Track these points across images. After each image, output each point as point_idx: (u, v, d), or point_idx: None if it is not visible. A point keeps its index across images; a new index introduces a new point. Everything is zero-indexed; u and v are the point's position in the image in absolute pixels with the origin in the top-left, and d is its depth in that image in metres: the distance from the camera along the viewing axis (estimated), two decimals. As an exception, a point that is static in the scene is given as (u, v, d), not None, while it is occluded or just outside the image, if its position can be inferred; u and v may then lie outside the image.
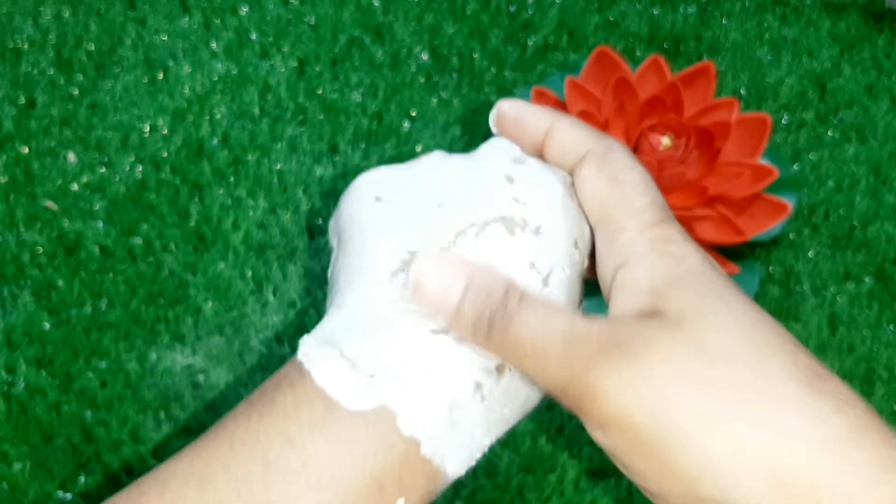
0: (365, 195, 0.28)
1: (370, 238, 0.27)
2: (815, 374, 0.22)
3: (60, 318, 0.58)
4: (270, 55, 0.69)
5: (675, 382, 0.21)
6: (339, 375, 0.24)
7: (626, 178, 0.26)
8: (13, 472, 0.53)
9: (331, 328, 0.26)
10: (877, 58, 0.74)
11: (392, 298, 0.25)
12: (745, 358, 0.22)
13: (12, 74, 0.66)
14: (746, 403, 0.21)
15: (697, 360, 0.22)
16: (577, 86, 0.61)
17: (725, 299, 0.23)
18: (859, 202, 0.67)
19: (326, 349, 0.25)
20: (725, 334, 0.22)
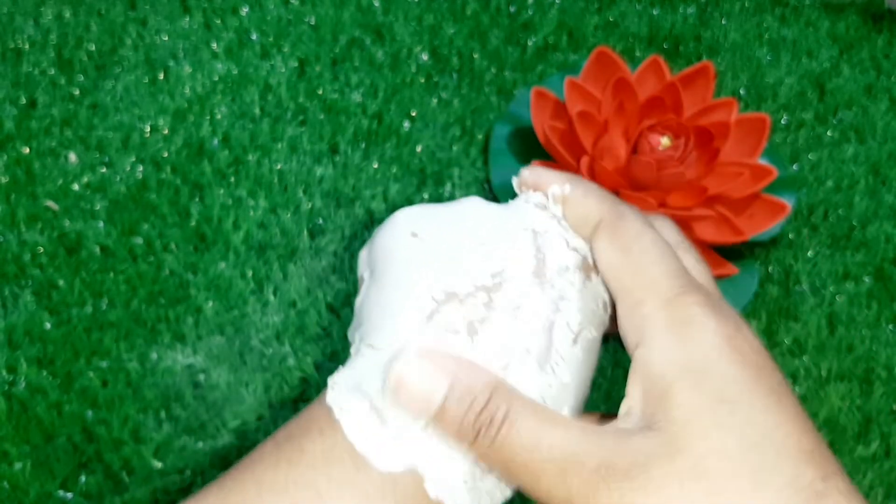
0: (402, 230, 0.27)
1: (406, 274, 0.26)
2: (813, 492, 0.21)
3: (61, 317, 0.58)
4: (271, 55, 0.69)
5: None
6: (369, 432, 0.24)
7: (638, 247, 0.25)
8: (14, 471, 0.53)
9: (361, 372, 0.25)
10: (876, 58, 0.74)
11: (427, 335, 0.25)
12: (740, 484, 0.21)
13: (13, 74, 0.67)
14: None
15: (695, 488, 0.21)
16: (576, 86, 0.61)
17: (730, 401, 0.22)
18: (858, 202, 0.67)
19: (357, 399, 0.25)
20: (724, 457, 0.21)
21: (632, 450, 0.22)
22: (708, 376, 0.22)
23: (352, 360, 0.26)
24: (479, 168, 0.66)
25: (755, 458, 0.21)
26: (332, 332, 0.59)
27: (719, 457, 0.21)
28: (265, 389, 0.57)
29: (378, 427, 0.24)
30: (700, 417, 0.22)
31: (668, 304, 0.24)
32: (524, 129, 0.65)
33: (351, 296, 0.60)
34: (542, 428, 0.23)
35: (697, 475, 0.21)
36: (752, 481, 0.21)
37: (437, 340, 0.25)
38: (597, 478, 0.22)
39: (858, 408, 0.59)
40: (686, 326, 0.23)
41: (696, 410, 0.22)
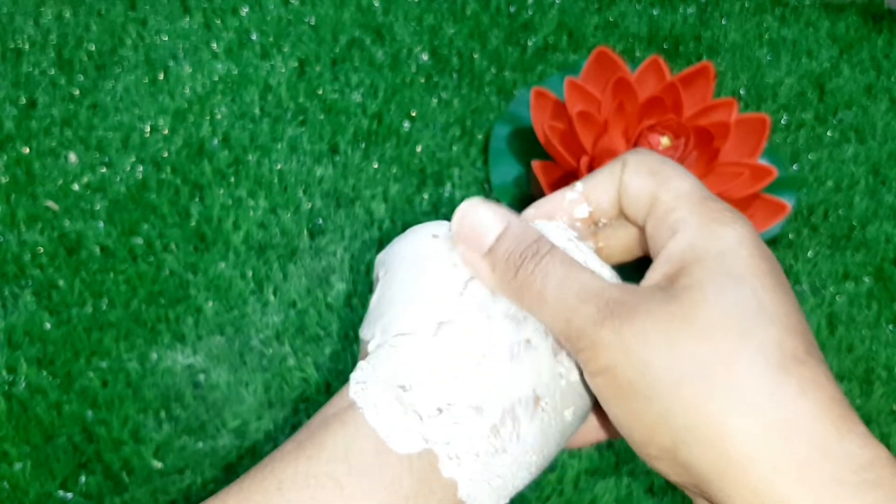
0: (423, 233, 0.29)
1: (432, 263, 0.28)
2: (793, 356, 0.23)
3: (61, 317, 0.58)
4: (271, 56, 0.69)
5: (659, 348, 0.24)
6: (392, 418, 0.25)
7: (664, 169, 0.28)
8: (14, 471, 0.53)
9: (385, 365, 0.26)
10: (876, 58, 0.74)
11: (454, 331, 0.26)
12: (727, 334, 0.23)
13: (13, 75, 0.67)
14: (714, 377, 0.23)
15: (684, 331, 0.24)
16: (576, 86, 0.61)
17: (738, 278, 0.24)
18: (858, 202, 0.67)
19: (381, 390, 0.26)
20: (717, 311, 0.24)
21: (639, 299, 0.25)
22: (725, 258, 0.25)
23: (376, 353, 0.27)
24: (479, 168, 0.66)
25: (749, 321, 0.24)
26: (332, 332, 0.59)
27: (713, 313, 0.24)
28: (265, 389, 0.57)
29: (401, 414, 0.25)
30: (706, 284, 0.24)
31: (700, 205, 0.27)
32: (524, 129, 0.65)
33: (351, 296, 0.60)
34: (573, 269, 0.26)
35: (689, 321, 0.24)
36: (739, 335, 0.23)
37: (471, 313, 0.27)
38: (605, 311, 0.25)
39: (858, 408, 0.59)
40: (714, 222, 0.26)
41: (705, 279, 0.25)
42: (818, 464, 0.22)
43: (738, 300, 0.24)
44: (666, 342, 0.24)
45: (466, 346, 0.26)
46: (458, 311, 0.27)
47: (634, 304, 0.25)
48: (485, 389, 0.25)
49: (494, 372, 0.26)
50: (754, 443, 0.22)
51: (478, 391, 0.25)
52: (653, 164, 0.28)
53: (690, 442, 0.23)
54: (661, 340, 0.24)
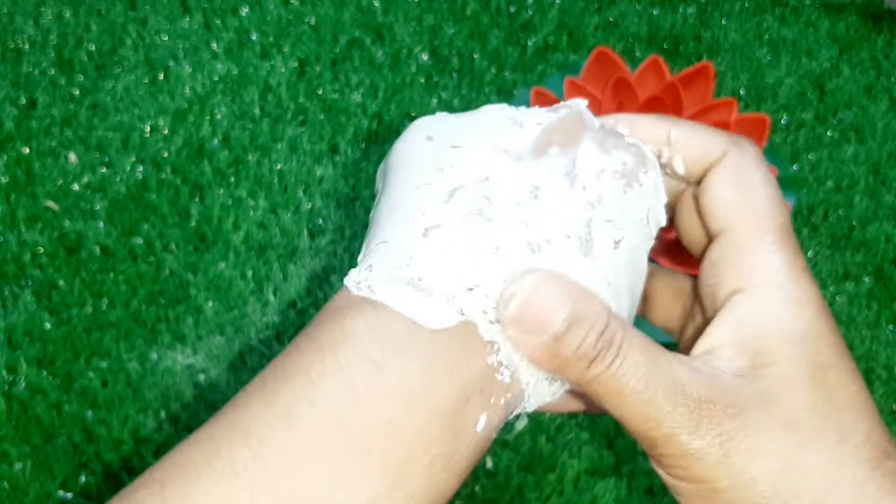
0: (417, 135, 0.27)
1: (419, 170, 0.25)
2: (883, 451, 0.23)
3: (61, 317, 0.58)
4: (271, 56, 0.69)
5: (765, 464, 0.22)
6: (417, 298, 0.23)
7: (762, 192, 0.25)
8: (14, 471, 0.53)
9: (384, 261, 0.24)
10: (876, 58, 0.74)
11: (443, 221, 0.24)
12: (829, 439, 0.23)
13: (13, 75, 0.67)
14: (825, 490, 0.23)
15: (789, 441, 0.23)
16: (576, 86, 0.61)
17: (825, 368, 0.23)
18: (858, 202, 0.67)
19: (391, 282, 0.24)
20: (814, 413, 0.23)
21: (730, 390, 0.23)
22: (808, 343, 0.24)
23: (363, 261, 0.25)
24: (479, 168, 0.66)
25: (840, 417, 0.23)
26: (332, 332, 0.59)
27: (810, 412, 0.23)
28: (265, 389, 0.57)
29: (422, 296, 0.23)
30: (794, 377, 0.23)
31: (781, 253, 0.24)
32: (524, 129, 0.65)
33: (351, 296, 0.60)
34: (654, 358, 0.23)
35: (789, 426, 0.23)
36: (836, 436, 0.23)
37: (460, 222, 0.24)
38: (701, 414, 0.23)
39: (858, 408, 0.59)
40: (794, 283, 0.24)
41: (791, 371, 0.23)
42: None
43: (828, 395, 0.23)
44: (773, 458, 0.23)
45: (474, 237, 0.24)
46: (446, 217, 0.24)
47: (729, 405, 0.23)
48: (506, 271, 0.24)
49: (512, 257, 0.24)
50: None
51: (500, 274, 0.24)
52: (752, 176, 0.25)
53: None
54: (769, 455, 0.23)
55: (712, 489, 0.23)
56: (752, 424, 0.23)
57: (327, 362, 0.22)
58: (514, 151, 0.26)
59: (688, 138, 0.26)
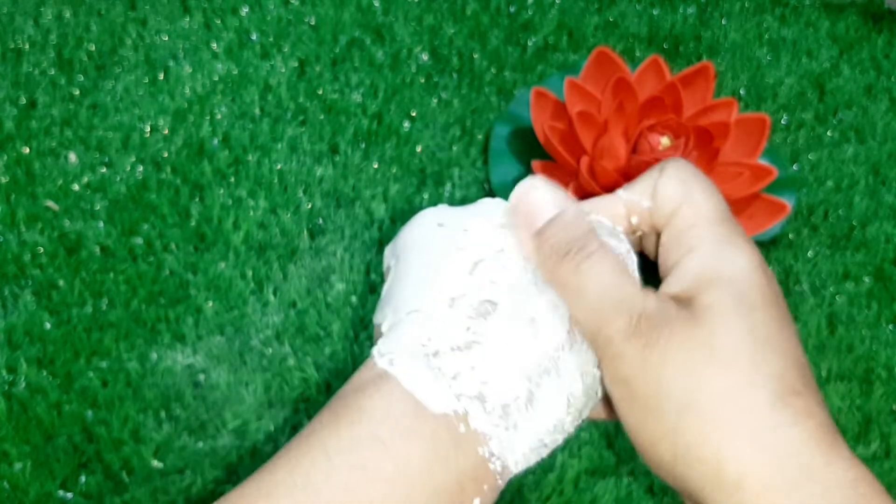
0: (429, 222, 0.31)
1: (440, 249, 0.29)
2: (791, 388, 0.25)
3: (61, 317, 0.58)
4: (271, 56, 0.69)
5: (675, 372, 0.25)
6: (426, 381, 0.26)
7: (695, 183, 0.29)
8: (14, 471, 0.53)
9: (410, 331, 0.27)
10: (876, 58, 0.74)
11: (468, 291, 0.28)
12: (738, 364, 0.25)
13: (13, 75, 0.67)
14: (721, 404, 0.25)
15: (700, 357, 0.25)
16: (576, 86, 0.61)
17: (750, 306, 0.26)
18: (858, 202, 0.67)
19: (409, 357, 0.27)
20: (731, 339, 0.26)
21: (666, 311, 0.26)
22: (739, 282, 0.27)
23: (393, 330, 0.28)
24: (479, 168, 0.66)
25: (757, 348, 0.25)
26: (332, 332, 0.59)
27: (729, 338, 0.26)
28: (265, 389, 0.57)
29: (431, 376, 0.26)
30: (723, 307, 0.26)
31: (717, 225, 0.28)
32: (524, 129, 0.65)
33: (351, 296, 0.60)
34: (617, 273, 0.27)
35: (704, 346, 0.25)
36: (748, 362, 0.25)
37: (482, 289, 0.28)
38: (635, 322, 0.26)
39: (858, 408, 0.59)
40: (730, 244, 0.28)
41: (722, 302, 0.26)
42: (806, 484, 0.24)
43: (750, 328, 0.26)
44: (683, 367, 0.25)
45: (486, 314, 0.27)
46: (470, 287, 0.27)
47: (660, 323, 0.26)
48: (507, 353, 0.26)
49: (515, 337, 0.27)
50: (748, 465, 0.24)
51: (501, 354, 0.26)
52: (686, 174, 0.30)
53: (690, 460, 0.25)
54: (679, 365, 0.25)
55: (632, 392, 0.26)
56: (673, 339, 0.25)
57: (343, 440, 0.25)
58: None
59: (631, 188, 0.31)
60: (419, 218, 0.31)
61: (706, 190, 0.29)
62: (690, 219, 0.28)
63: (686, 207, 0.29)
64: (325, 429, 0.26)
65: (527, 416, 0.27)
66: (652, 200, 0.30)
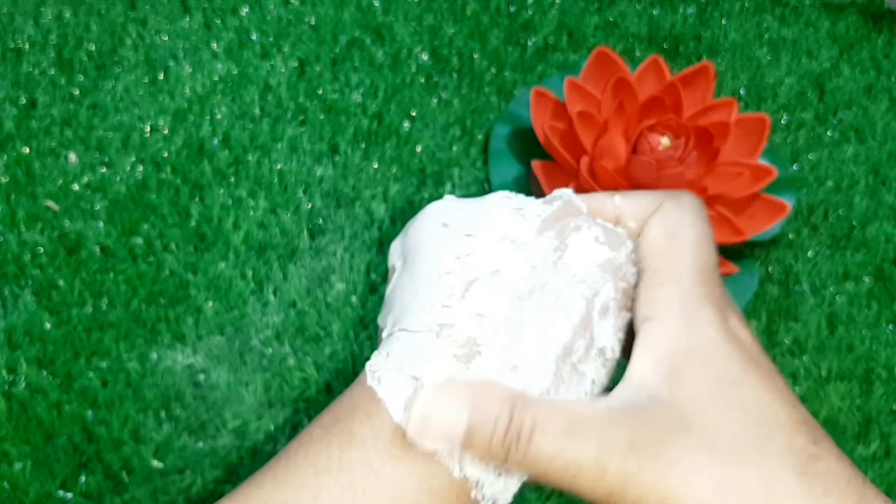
0: (433, 221, 0.30)
1: (437, 260, 0.28)
2: (808, 456, 0.24)
3: (61, 317, 0.58)
4: (271, 55, 0.69)
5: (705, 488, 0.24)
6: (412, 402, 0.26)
7: (684, 234, 0.27)
8: (14, 471, 0.53)
9: (398, 355, 0.27)
10: (876, 58, 0.74)
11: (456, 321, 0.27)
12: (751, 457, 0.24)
13: (13, 75, 0.67)
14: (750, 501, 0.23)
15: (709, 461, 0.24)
16: (576, 86, 0.61)
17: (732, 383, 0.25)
18: (858, 202, 0.67)
19: (397, 380, 0.26)
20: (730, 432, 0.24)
21: (650, 426, 0.24)
22: (712, 359, 0.25)
23: (386, 344, 0.28)
24: (479, 168, 0.66)
25: (755, 430, 0.24)
26: (331, 332, 0.59)
27: (725, 431, 0.24)
28: (265, 389, 0.57)
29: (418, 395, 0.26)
30: (705, 395, 0.25)
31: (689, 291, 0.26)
32: (524, 129, 0.65)
33: (351, 296, 0.60)
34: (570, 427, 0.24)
35: (709, 449, 0.24)
36: (755, 450, 0.24)
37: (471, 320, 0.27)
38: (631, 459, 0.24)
39: (858, 408, 0.59)
40: (696, 315, 0.26)
41: (702, 389, 0.25)
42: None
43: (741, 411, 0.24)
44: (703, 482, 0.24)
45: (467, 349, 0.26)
46: (459, 317, 0.26)
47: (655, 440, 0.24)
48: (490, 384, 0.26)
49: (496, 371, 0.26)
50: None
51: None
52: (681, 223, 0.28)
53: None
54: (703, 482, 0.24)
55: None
56: (676, 456, 0.24)
57: (333, 459, 0.25)
58: (520, 242, 0.29)
59: (626, 201, 0.29)
60: (426, 213, 0.30)
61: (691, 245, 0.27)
62: (660, 278, 0.27)
63: (660, 262, 0.27)
64: (316, 446, 0.26)
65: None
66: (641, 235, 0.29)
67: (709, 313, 0.26)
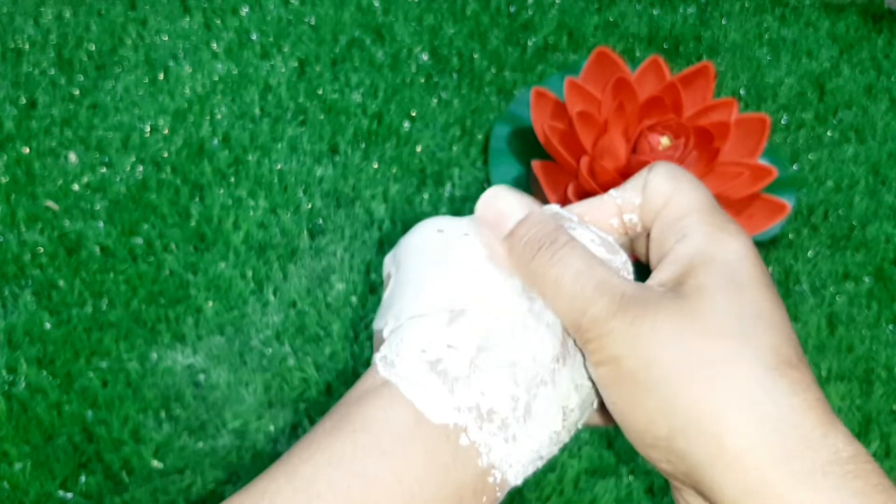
0: (429, 229, 0.31)
1: (441, 255, 0.29)
2: (786, 361, 0.25)
3: (61, 317, 0.58)
4: (271, 55, 0.69)
5: (667, 343, 0.25)
6: (426, 390, 0.26)
7: (683, 178, 0.30)
8: (14, 471, 0.53)
9: (410, 339, 0.28)
10: (876, 58, 0.74)
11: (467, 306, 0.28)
12: (732, 337, 0.25)
13: (13, 75, 0.67)
14: (716, 373, 0.25)
15: (692, 329, 0.25)
16: (576, 86, 0.61)
17: (740, 285, 0.26)
18: (858, 202, 0.67)
19: (413, 362, 0.27)
20: (723, 314, 0.26)
21: (653, 296, 0.26)
22: (726, 265, 0.27)
23: (394, 335, 0.28)
24: (479, 168, 0.66)
25: (748, 323, 0.25)
26: (331, 332, 0.59)
27: (720, 313, 0.26)
28: (265, 389, 0.57)
29: (431, 385, 0.27)
30: (713, 287, 0.26)
31: (709, 216, 0.29)
32: (524, 129, 0.65)
33: (351, 296, 0.60)
34: (589, 261, 0.27)
35: (696, 318, 0.25)
36: (741, 336, 0.25)
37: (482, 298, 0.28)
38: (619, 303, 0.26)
39: (858, 408, 0.59)
40: (722, 231, 0.28)
41: (712, 282, 0.26)
42: (806, 455, 0.23)
43: (741, 305, 0.26)
44: (674, 338, 0.25)
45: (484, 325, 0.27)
46: (470, 297, 0.28)
47: (646, 300, 0.26)
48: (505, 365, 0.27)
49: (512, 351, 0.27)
50: (749, 435, 0.24)
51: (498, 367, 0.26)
52: (675, 171, 0.30)
53: (688, 432, 0.25)
54: (670, 336, 0.25)
55: (621, 371, 0.26)
56: (661, 313, 0.25)
57: (346, 448, 0.26)
58: None
59: (622, 187, 0.31)
60: (419, 226, 0.32)
61: (695, 184, 0.30)
62: (681, 209, 0.29)
63: (676, 199, 0.29)
64: (328, 436, 0.26)
65: (524, 428, 0.27)
66: (642, 196, 0.31)
67: (734, 229, 0.28)
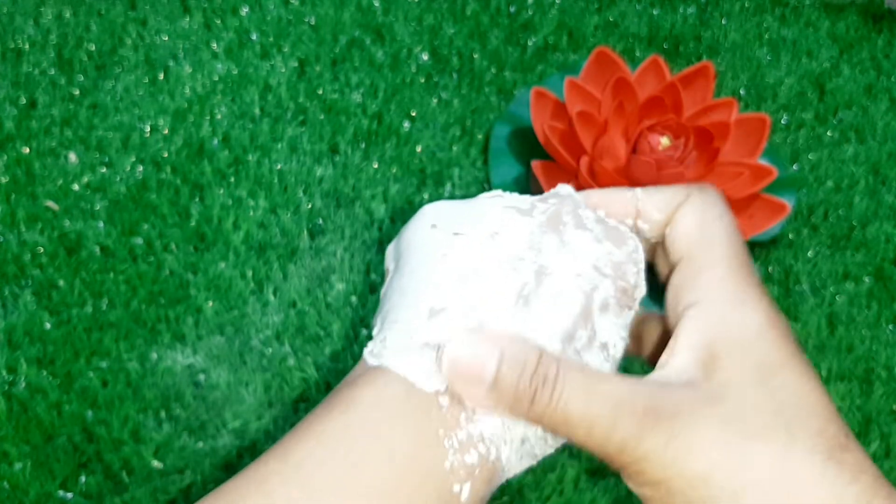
0: (423, 223, 0.30)
1: (423, 262, 0.29)
2: (838, 444, 0.24)
3: (61, 317, 0.58)
4: (271, 55, 0.69)
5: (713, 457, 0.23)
6: (416, 361, 0.26)
7: (717, 224, 0.28)
8: (14, 471, 0.53)
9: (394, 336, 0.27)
10: (876, 58, 0.74)
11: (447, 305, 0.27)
12: (776, 435, 0.24)
13: (13, 75, 0.67)
14: (772, 482, 0.23)
15: (733, 436, 0.23)
16: (576, 86, 0.61)
17: (770, 369, 0.25)
18: (858, 202, 0.67)
19: (400, 347, 0.27)
20: (762, 411, 0.24)
21: (676, 397, 0.24)
22: (754, 348, 0.25)
23: (379, 335, 0.29)
24: (479, 168, 0.66)
25: (788, 412, 0.24)
26: (332, 332, 0.59)
27: (756, 409, 0.24)
28: (265, 389, 0.57)
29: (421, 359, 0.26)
30: (741, 378, 0.24)
31: (727, 278, 0.26)
32: (524, 129, 0.65)
33: (351, 296, 0.60)
34: (592, 381, 0.25)
35: (734, 422, 0.24)
36: (785, 430, 0.24)
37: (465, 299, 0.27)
38: (645, 421, 0.24)
39: (858, 408, 0.59)
40: (737, 300, 0.26)
41: (741, 373, 0.24)
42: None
43: (777, 393, 0.24)
44: (716, 452, 0.23)
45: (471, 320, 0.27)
46: (451, 300, 0.27)
47: (674, 410, 0.24)
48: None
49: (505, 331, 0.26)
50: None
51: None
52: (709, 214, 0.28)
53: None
54: (712, 449, 0.23)
55: (668, 490, 0.24)
56: (695, 423, 0.24)
57: (337, 427, 0.25)
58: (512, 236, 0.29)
59: (651, 195, 0.29)
60: (417, 216, 0.31)
61: (725, 233, 0.27)
62: (700, 265, 0.27)
63: (698, 250, 0.27)
64: (319, 419, 0.26)
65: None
66: (669, 228, 0.29)
67: (755, 295, 0.26)
